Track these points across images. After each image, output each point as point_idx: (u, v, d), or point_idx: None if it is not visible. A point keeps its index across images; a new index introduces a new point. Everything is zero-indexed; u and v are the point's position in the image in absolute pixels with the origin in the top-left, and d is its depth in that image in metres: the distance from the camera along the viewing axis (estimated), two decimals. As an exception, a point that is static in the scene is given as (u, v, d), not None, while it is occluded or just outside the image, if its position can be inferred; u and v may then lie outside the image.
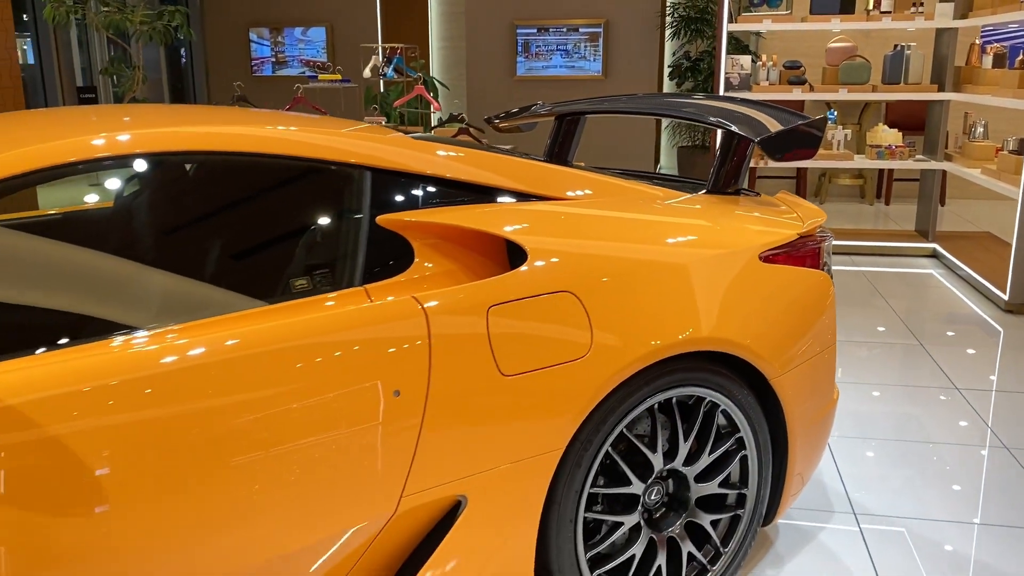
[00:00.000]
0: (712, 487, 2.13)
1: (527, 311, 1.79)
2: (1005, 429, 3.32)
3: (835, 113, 6.63)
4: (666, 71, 9.43)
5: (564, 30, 9.28)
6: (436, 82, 9.10)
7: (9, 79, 7.87)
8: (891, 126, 7.91)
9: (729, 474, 2.18)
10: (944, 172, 7.90)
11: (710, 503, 2.17)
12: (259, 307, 1.63)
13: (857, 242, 6.35)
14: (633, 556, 2.04)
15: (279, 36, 9.95)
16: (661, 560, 2.08)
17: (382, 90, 8.94)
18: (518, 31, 9.39)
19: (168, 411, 1.44)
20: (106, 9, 10.06)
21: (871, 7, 6.07)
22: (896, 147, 6.25)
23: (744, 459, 2.17)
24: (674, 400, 2.03)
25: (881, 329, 4.58)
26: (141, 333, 1.51)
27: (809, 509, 2.73)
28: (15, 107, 8.01)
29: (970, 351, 4.23)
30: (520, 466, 1.78)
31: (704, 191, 2.43)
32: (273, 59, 10.03)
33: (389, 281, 1.78)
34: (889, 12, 6.00)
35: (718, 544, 2.18)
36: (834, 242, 6.38)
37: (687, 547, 2.12)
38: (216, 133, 1.72)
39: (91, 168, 1.59)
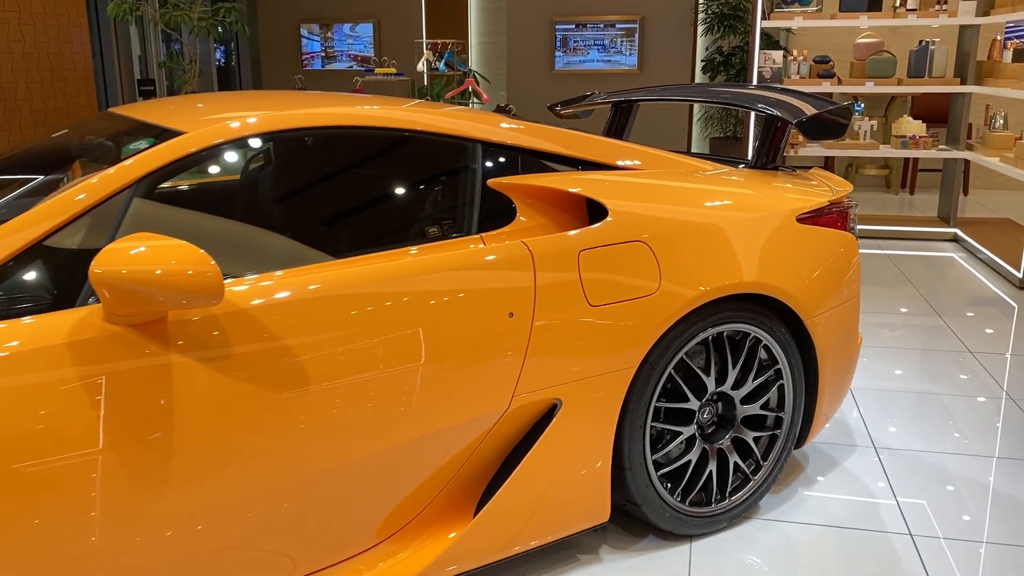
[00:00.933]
0: (755, 409, 2.56)
1: (609, 255, 2.23)
2: (1017, 387, 3.72)
3: (862, 105, 7.00)
4: (699, 65, 9.81)
5: (601, 26, 9.69)
6: (478, 75, 9.55)
7: (83, 72, 8.41)
8: (916, 118, 8.26)
9: (769, 399, 2.61)
10: (968, 163, 8.24)
11: (753, 423, 2.60)
12: (405, 247, 2.08)
13: (882, 227, 6.72)
14: (689, 462, 2.48)
15: (328, 32, 10.44)
16: (712, 467, 2.52)
17: (425, 83, 9.40)
18: (557, 27, 9.81)
19: (362, 316, 1.90)
20: (163, 9, 10.58)
21: (898, 5, 6.44)
22: (920, 137, 6.62)
23: (781, 387, 2.60)
24: (724, 334, 2.46)
25: (903, 308, 4.97)
26: (343, 259, 1.98)
27: (835, 443, 3.15)
28: (87, 97, 8.53)
29: (985, 322, 4.62)
30: (602, 379, 2.22)
31: (746, 166, 2.86)
32: (323, 54, 10.52)
33: (497, 231, 2.23)
34: (915, 9, 6.37)
35: (759, 457, 2.61)
36: (860, 227, 6.76)
37: (733, 458, 2.56)
38: (377, 113, 2.18)
39: (301, 135, 2.07)
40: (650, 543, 2.52)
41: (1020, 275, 5.25)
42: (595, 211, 2.36)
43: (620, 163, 2.52)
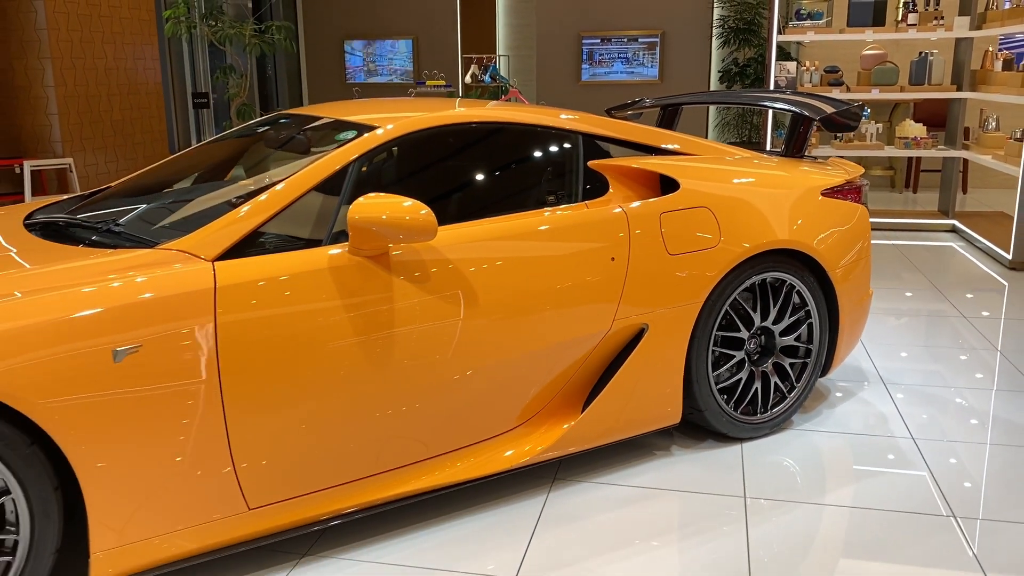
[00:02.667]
0: (790, 340, 3.28)
1: (682, 217, 2.97)
2: (1008, 344, 4.44)
3: (868, 111, 7.72)
4: (715, 76, 10.57)
5: (625, 40, 10.45)
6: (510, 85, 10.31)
7: (153, 85, 9.19)
8: (916, 122, 8.98)
9: (800, 335, 3.33)
10: (966, 162, 8.96)
11: (789, 351, 3.32)
12: (536, 210, 2.82)
13: (888, 219, 7.45)
14: (740, 380, 3.20)
15: (370, 47, 11.22)
16: (757, 385, 3.24)
17: (460, 95, 10.16)
18: (584, 41, 10.58)
19: (512, 255, 2.63)
20: (213, 24, 11.35)
21: (899, 20, 7.19)
22: (921, 139, 7.35)
23: (810, 325, 3.33)
24: (767, 280, 3.19)
25: (909, 285, 5.69)
26: (493, 217, 2.72)
27: (851, 380, 3.88)
28: (157, 109, 9.31)
29: (980, 294, 5.34)
30: (678, 309, 2.95)
31: (779, 154, 3.60)
32: (365, 68, 11.30)
33: (596, 200, 2.96)
34: (915, 24, 7.11)
35: (793, 379, 3.33)
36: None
37: (774, 379, 3.28)
38: (510, 114, 2.93)
39: (459, 128, 2.81)
40: (709, 445, 3.24)
41: (1010, 257, 5.97)
42: (667, 185, 3.09)
43: (673, 148, 3.26)
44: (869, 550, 2.53)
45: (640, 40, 10.42)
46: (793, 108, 3.60)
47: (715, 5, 10.20)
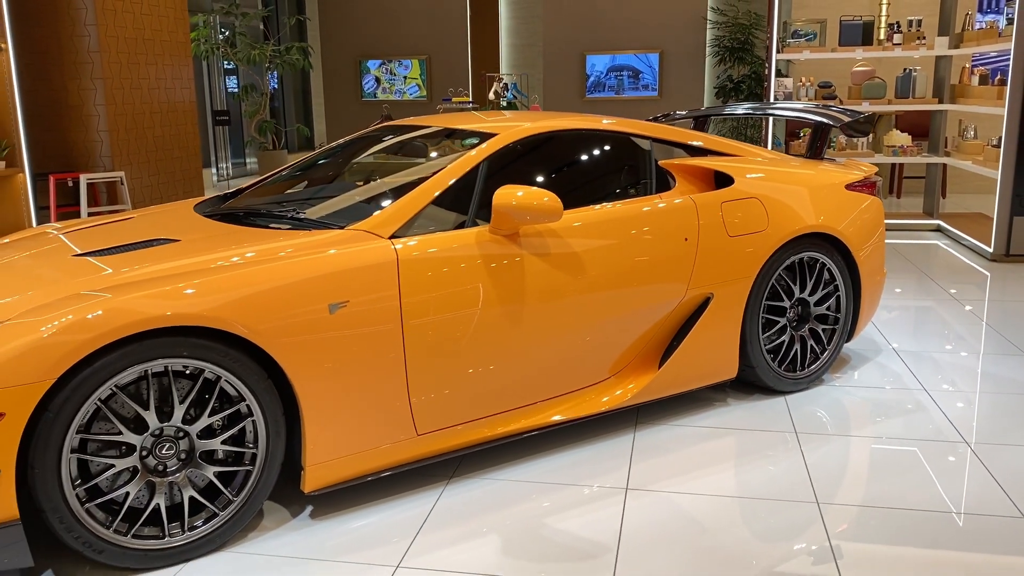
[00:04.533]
0: (822, 309, 3.94)
1: (738, 205, 3.62)
2: (992, 319, 5.14)
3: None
4: (711, 91, 11.31)
5: (627, 58, 11.16)
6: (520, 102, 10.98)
7: (188, 104, 9.76)
8: (901, 131, 9.75)
9: (830, 305, 3.99)
10: (945, 167, 9.74)
11: (821, 319, 3.98)
12: (623, 200, 3.47)
13: (878, 220, 8.19)
14: (783, 343, 3.86)
15: (386, 66, 11.86)
16: (797, 347, 3.90)
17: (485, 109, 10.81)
18: (588, 59, 11.28)
19: (609, 236, 3.26)
20: (234, 49, 11.95)
21: (883, 39, 7.95)
22: (907, 147, 8.10)
23: (838, 297, 3.99)
24: (804, 259, 3.85)
25: (902, 276, 6.40)
26: (588, 206, 3.35)
27: (867, 349, 4.55)
28: (191, 125, 9.86)
29: (966, 281, 6.05)
30: (736, 281, 3.60)
31: (803, 157, 4.29)
32: (379, 87, 11.92)
33: (665, 194, 3.61)
34: (900, 44, 7.87)
35: (825, 343, 3.99)
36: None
37: (810, 342, 3.94)
38: (600, 125, 3.58)
39: (560, 134, 3.45)
40: (757, 397, 3.89)
41: (991, 251, 6.70)
42: (719, 180, 3.75)
43: (720, 150, 3.93)
44: (903, 467, 3.19)
45: (640, 58, 11.15)
46: (816, 118, 4.28)
47: (709, 26, 10.96)
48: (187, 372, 2.54)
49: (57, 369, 2.30)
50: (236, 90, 14.16)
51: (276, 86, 13.92)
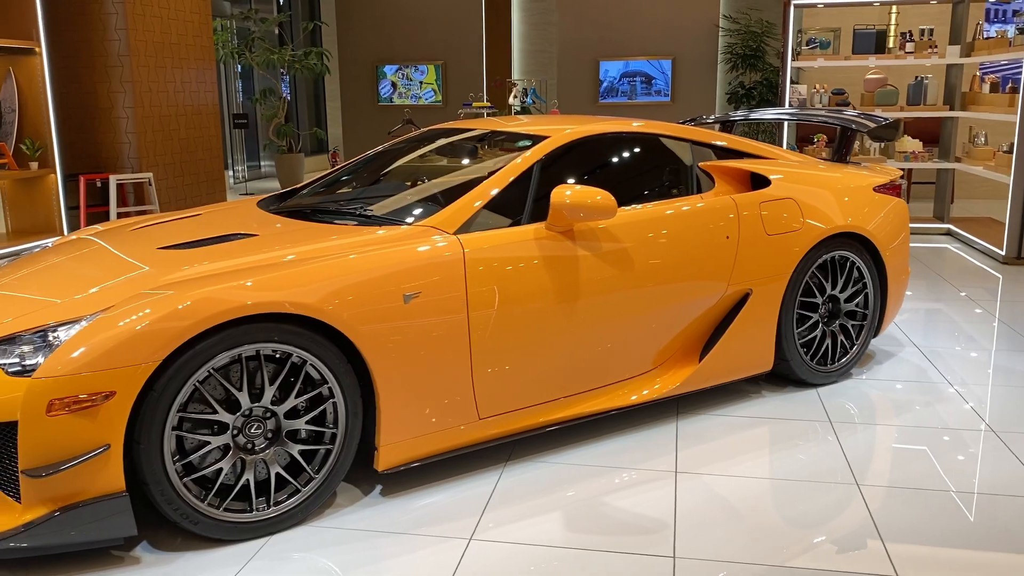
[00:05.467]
0: (852, 306, 4.13)
1: (776, 205, 3.81)
2: (1005, 315, 5.33)
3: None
4: (722, 98, 11.51)
5: (639, 64, 11.36)
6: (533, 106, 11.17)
7: (212, 107, 9.94)
8: (912, 138, 9.96)
9: (859, 301, 4.18)
10: (953, 174, 9.94)
11: (851, 315, 4.17)
12: (666, 200, 3.65)
13: (890, 224, 8.38)
14: (815, 338, 4.04)
15: (401, 71, 12.05)
16: (828, 342, 4.08)
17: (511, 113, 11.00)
18: (601, 65, 11.48)
19: (656, 233, 3.45)
20: (252, 53, 12.13)
21: (891, 46, 8.14)
22: (918, 152, 8.30)
23: (866, 294, 4.18)
24: (836, 258, 4.03)
25: (916, 278, 6.58)
26: (646, 203, 3.53)
27: (890, 345, 4.73)
28: (215, 128, 10.04)
29: (979, 282, 6.24)
30: (774, 279, 3.78)
31: (830, 160, 4.48)
32: (395, 92, 12.12)
33: (705, 194, 3.80)
34: (912, 52, 8.08)
35: (854, 337, 4.18)
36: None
37: (840, 338, 4.13)
38: (642, 128, 3.77)
39: (608, 137, 3.63)
40: (790, 390, 4.07)
41: (1003, 253, 6.90)
42: (755, 181, 3.94)
43: (756, 153, 4.11)
44: (935, 451, 3.37)
45: (653, 64, 11.35)
46: (844, 123, 4.48)
47: (721, 33, 11.16)
48: (276, 356, 2.71)
49: (163, 351, 2.48)
50: (251, 94, 14.36)
51: (288, 90, 14.11)
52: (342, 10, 12.00)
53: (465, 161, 3.89)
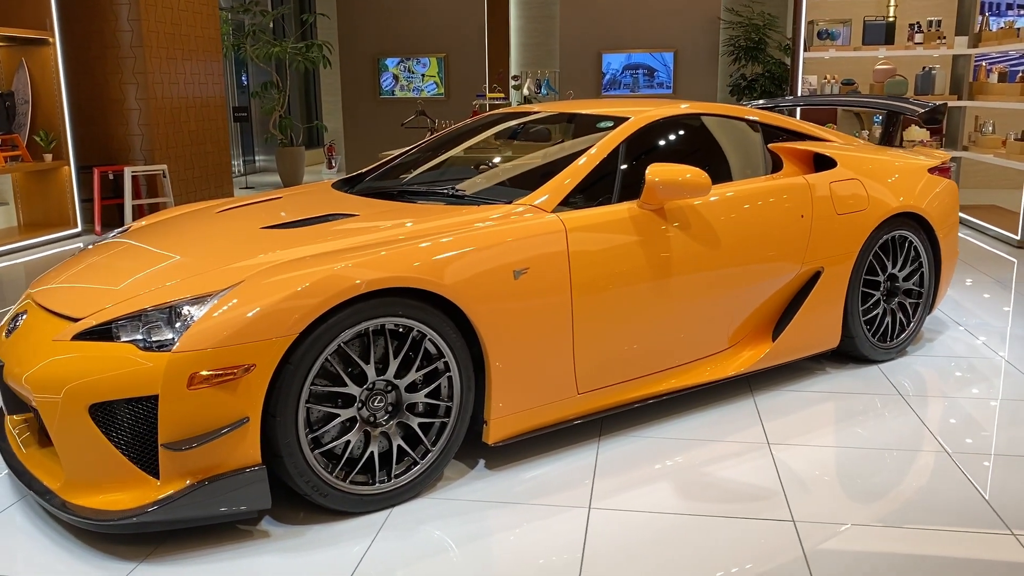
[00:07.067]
0: (909, 284, 4.24)
1: (843, 185, 3.90)
2: (1019, 286, 5.50)
3: (879, 118, 8.84)
4: (723, 90, 11.65)
5: (642, 57, 11.46)
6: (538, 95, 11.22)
7: (219, 99, 9.88)
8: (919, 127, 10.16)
9: (915, 280, 4.29)
10: (960, 163, 10.15)
11: (907, 293, 4.28)
12: (742, 180, 3.72)
13: (900, 212, 8.55)
14: (877, 315, 4.14)
15: (403, 64, 12.04)
16: (888, 319, 4.19)
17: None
18: (604, 57, 11.57)
19: (739, 211, 3.52)
20: (254, 45, 12.05)
21: (908, 40, 8.31)
22: (927, 141, 8.47)
23: (922, 273, 4.29)
24: (895, 237, 4.14)
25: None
26: (725, 183, 3.60)
27: (934, 324, 4.85)
28: (221, 120, 9.97)
29: (995, 265, 6.41)
30: (843, 256, 3.87)
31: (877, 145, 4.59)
32: (397, 84, 12.10)
33: (776, 174, 3.89)
34: (921, 43, 8.25)
35: (910, 313, 4.29)
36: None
37: (899, 315, 4.24)
38: (720, 108, 3.84)
39: (682, 118, 3.70)
40: (852, 367, 4.17)
41: (1018, 238, 7.08)
42: (818, 163, 4.03)
43: (817, 135, 4.21)
44: (1015, 420, 3.48)
45: (655, 57, 11.46)
46: (893, 108, 4.59)
47: (722, 26, 11.30)
48: (399, 331, 2.75)
49: (300, 324, 2.51)
50: (248, 87, 14.25)
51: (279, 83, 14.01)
52: (342, 2, 11.96)
53: (538, 144, 3.94)
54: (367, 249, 2.75)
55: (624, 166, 3.46)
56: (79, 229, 8.28)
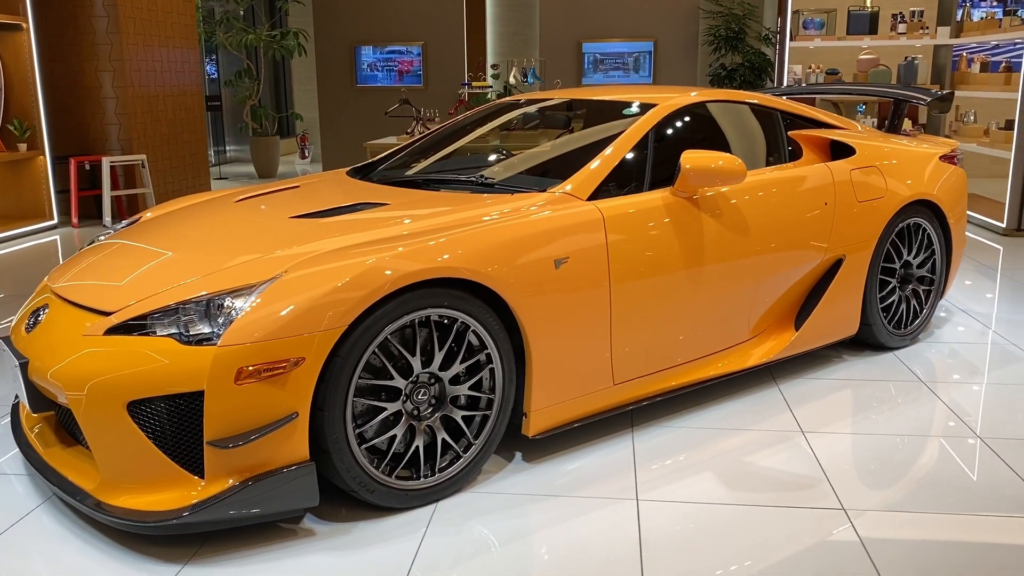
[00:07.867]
0: (923, 271, 4.26)
1: (864, 173, 3.90)
2: (1007, 268, 5.58)
3: (863, 107, 8.92)
4: (703, 80, 11.67)
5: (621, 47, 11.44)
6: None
7: (196, 87, 9.66)
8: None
9: (928, 267, 4.31)
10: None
11: (920, 280, 4.30)
12: (767, 167, 3.71)
13: (884, 201, 8.64)
14: (893, 302, 4.16)
15: (381, 52, 11.88)
16: (904, 306, 4.21)
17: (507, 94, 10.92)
18: (584, 47, 11.52)
19: (767, 197, 3.50)
20: (227, 33, 11.80)
21: (891, 30, 8.39)
22: (908, 131, 8.56)
23: (935, 261, 4.31)
24: (910, 225, 4.15)
25: (929, 244, 6.81)
26: (759, 170, 3.58)
27: (942, 312, 4.90)
28: (199, 109, 9.74)
29: (982, 251, 6.50)
30: (864, 244, 3.87)
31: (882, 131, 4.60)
32: (373, 72, 11.94)
33: (796, 162, 3.87)
34: (904, 33, 8.33)
35: (923, 300, 4.31)
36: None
37: (913, 302, 4.26)
38: (744, 95, 3.81)
39: (705, 106, 3.67)
40: (868, 354, 4.18)
41: (1003, 226, 7.18)
42: (835, 150, 4.02)
43: (833, 123, 4.21)
44: (1015, 408, 3.53)
45: (635, 46, 11.44)
46: (901, 96, 4.61)
47: (702, 16, 11.31)
48: (444, 323, 2.68)
49: (349, 316, 2.43)
50: (216, 76, 13.96)
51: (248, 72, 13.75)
52: (318, -10, 11.77)
53: (559, 131, 3.88)
54: (410, 239, 2.67)
55: (654, 153, 3.41)
56: (55, 221, 8.04)
